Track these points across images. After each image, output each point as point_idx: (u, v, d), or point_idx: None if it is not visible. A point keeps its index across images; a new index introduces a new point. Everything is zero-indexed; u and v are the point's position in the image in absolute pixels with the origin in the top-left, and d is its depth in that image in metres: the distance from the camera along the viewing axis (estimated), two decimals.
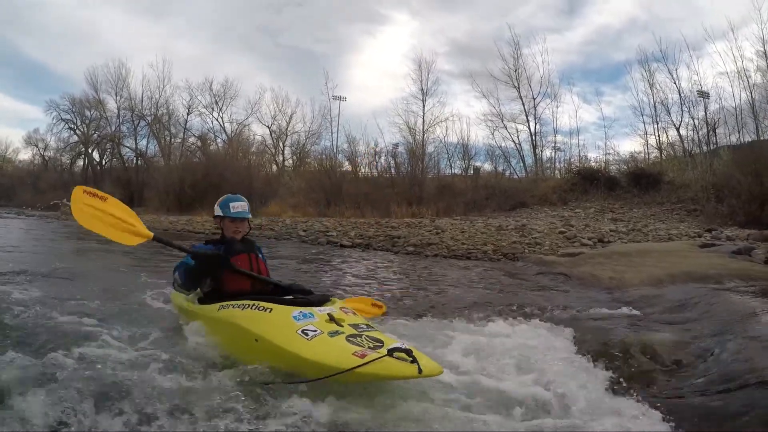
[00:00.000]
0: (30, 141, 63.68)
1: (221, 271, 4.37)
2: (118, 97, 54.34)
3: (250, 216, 4.75)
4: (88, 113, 57.14)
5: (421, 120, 38.34)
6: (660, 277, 7.81)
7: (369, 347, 3.12)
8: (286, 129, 50.71)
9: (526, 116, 38.09)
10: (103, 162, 59.07)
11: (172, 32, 73.95)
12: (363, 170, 38.25)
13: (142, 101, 53.79)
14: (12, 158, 67.26)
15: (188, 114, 53.22)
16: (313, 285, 7.71)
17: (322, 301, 3.91)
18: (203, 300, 4.49)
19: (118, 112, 54.88)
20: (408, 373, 2.82)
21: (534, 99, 38.06)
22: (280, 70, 76.06)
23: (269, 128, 51.00)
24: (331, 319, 3.54)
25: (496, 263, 12.07)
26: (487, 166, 37.89)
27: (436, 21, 69.40)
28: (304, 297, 4.01)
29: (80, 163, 60.54)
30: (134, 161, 55.30)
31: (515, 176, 36.13)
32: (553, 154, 37.94)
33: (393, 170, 36.06)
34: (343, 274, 9.66)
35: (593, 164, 31.66)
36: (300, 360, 3.14)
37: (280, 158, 51.00)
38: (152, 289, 6.34)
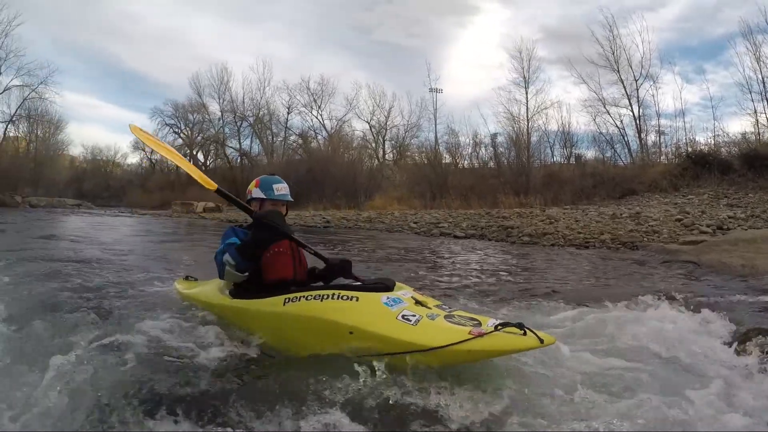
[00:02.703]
0: (137, 146, 66.72)
1: (267, 253, 3.96)
2: (221, 100, 57.14)
3: (291, 200, 4.35)
4: (191, 117, 60.11)
5: (525, 108, 37.49)
6: None
7: (474, 325, 3.07)
8: (386, 123, 51.61)
9: (629, 100, 36.28)
10: (208, 162, 61.72)
11: (268, 35, 77.08)
12: (464, 161, 38.57)
13: (243, 103, 56.29)
14: (121, 162, 71.41)
15: (288, 113, 55.26)
16: (439, 275, 8.06)
17: (393, 284, 3.69)
18: (240, 294, 4.07)
19: (222, 115, 57.68)
20: (530, 344, 2.81)
21: (636, 81, 36.15)
22: (374, 67, 77.54)
23: (368, 123, 52.05)
24: (417, 302, 3.44)
25: (615, 252, 12.05)
26: (590, 154, 36.98)
27: (527, 8, 68.40)
28: (380, 282, 3.71)
29: None
30: (238, 161, 57.60)
31: (620, 163, 34.80)
32: (658, 138, 35.69)
33: (493, 161, 36.16)
34: (467, 264, 9.76)
35: (703, 147, 30.09)
36: (414, 347, 2.99)
37: (380, 152, 51.83)
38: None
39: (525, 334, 2.83)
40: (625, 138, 36.48)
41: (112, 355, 3.33)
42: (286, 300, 3.57)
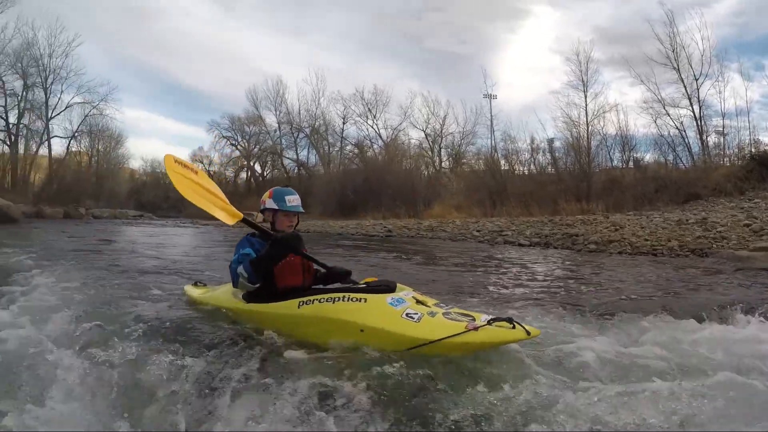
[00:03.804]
0: (195, 158, 69.36)
1: (278, 264, 4.22)
2: (278, 112, 59.27)
3: (303, 211, 4.59)
4: (247, 129, 62.48)
5: (584, 112, 36.91)
6: None
7: (469, 321, 3.45)
8: (441, 131, 52.16)
9: (689, 99, 34.75)
10: (265, 173, 63.11)
11: (319, 47, 79.36)
12: (521, 168, 38.47)
13: (299, 114, 58.13)
14: None
15: (344, 123, 56.81)
16: (514, 285, 7.98)
17: (395, 286, 4.05)
18: (253, 298, 4.36)
19: (279, 126, 59.46)
20: (518, 336, 3.26)
21: (696, 80, 34.60)
22: (427, 74, 78.57)
23: (424, 132, 52.72)
24: (418, 301, 3.82)
25: (684, 259, 11.89)
26: (648, 157, 36.12)
27: (577, 9, 68.32)
28: (381, 284, 4.09)
29: (243, 175, 65.33)
30: (295, 171, 58.76)
31: (681, 166, 33.69)
32: (722, 139, 34.21)
33: (551, 166, 35.94)
34: (539, 273, 9.71)
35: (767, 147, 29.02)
36: (417, 341, 3.38)
37: (437, 160, 52.31)
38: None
39: (514, 327, 3.29)
40: (686, 140, 35.31)
41: (130, 349, 3.64)
42: (301, 303, 3.94)
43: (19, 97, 47.38)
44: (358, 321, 3.64)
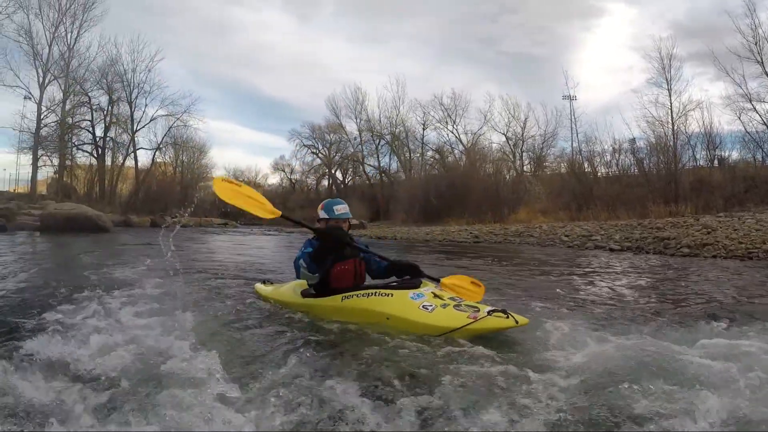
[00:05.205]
0: (277, 167, 72.95)
1: (335, 268, 5.17)
2: (358, 120, 60.41)
3: (350, 216, 5.47)
4: (328, 137, 64.06)
5: (669, 110, 35.96)
6: None
7: (473, 312, 4.25)
8: (522, 134, 52.43)
9: None
10: (346, 180, 64.49)
11: (396, 54, 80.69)
12: (607, 170, 37.94)
13: (380, 122, 59.32)
14: (262, 183, 76.56)
15: (424, 129, 57.46)
16: (621, 293, 7.68)
17: (420, 283, 4.93)
18: (309, 294, 5.44)
19: (360, 134, 60.70)
20: (508, 324, 4.03)
21: None
22: (504, 78, 78.96)
23: (505, 135, 53.04)
24: (435, 295, 4.66)
25: None
26: (735, 155, 34.73)
27: (653, 4, 67.12)
28: (409, 281, 4.99)
29: (325, 182, 66.90)
30: (378, 177, 59.91)
31: None
32: None
33: (634, 167, 35.35)
34: (640, 280, 9.39)
35: None
36: (429, 327, 4.25)
37: (519, 164, 52.41)
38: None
39: (508, 317, 4.07)
40: None
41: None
42: (343, 297, 4.95)
43: (106, 112, 51.61)
44: (385, 311, 4.61)
